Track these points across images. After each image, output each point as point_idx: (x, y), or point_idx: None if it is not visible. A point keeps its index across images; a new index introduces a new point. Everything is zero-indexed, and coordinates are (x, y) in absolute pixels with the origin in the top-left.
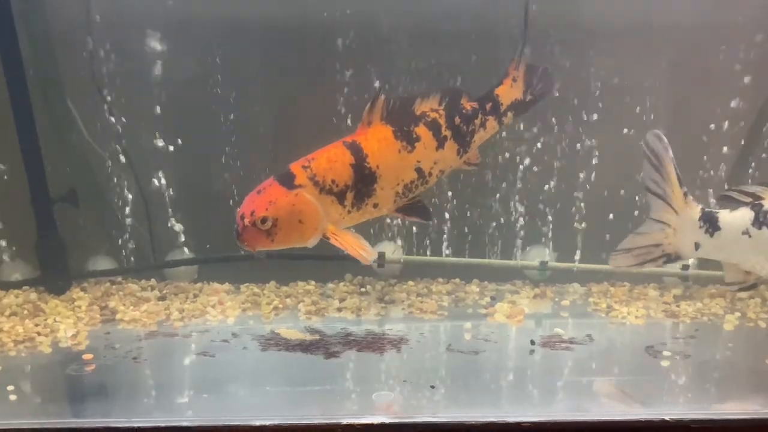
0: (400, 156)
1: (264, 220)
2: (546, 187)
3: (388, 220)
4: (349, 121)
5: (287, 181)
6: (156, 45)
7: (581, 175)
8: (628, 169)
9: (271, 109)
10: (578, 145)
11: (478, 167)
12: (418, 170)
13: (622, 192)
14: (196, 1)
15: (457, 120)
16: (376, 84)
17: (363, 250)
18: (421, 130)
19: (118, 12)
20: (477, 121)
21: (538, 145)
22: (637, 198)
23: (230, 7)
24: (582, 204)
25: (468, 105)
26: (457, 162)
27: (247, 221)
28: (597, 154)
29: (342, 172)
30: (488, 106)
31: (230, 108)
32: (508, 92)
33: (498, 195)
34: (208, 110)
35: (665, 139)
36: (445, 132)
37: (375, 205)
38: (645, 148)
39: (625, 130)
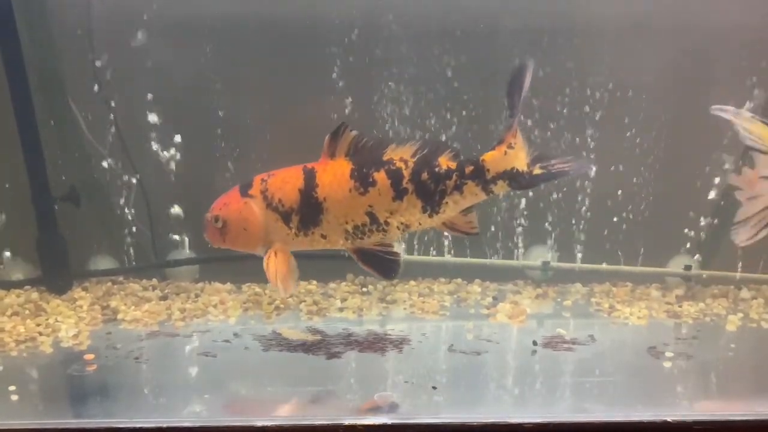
0: (350, 195)
1: (216, 219)
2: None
3: None
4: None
5: (244, 188)
6: (157, 42)
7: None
8: (631, 168)
9: (278, 109)
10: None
11: (474, 236)
12: (371, 215)
13: (625, 191)
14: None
15: (425, 176)
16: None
17: (282, 285)
18: (380, 175)
19: (120, 8)
20: (450, 183)
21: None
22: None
23: (232, 6)
24: (585, 203)
25: (445, 163)
26: (427, 221)
27: (208, 216)
28: (600, 152)
29: (289, 194)
30: (468, 169)
31: (234, 105)
32: (500, 160)
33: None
34: (212, 107)
35: (727, 109)
36: (407, 185)
37: (323, 236)
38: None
39: (629, 129)
